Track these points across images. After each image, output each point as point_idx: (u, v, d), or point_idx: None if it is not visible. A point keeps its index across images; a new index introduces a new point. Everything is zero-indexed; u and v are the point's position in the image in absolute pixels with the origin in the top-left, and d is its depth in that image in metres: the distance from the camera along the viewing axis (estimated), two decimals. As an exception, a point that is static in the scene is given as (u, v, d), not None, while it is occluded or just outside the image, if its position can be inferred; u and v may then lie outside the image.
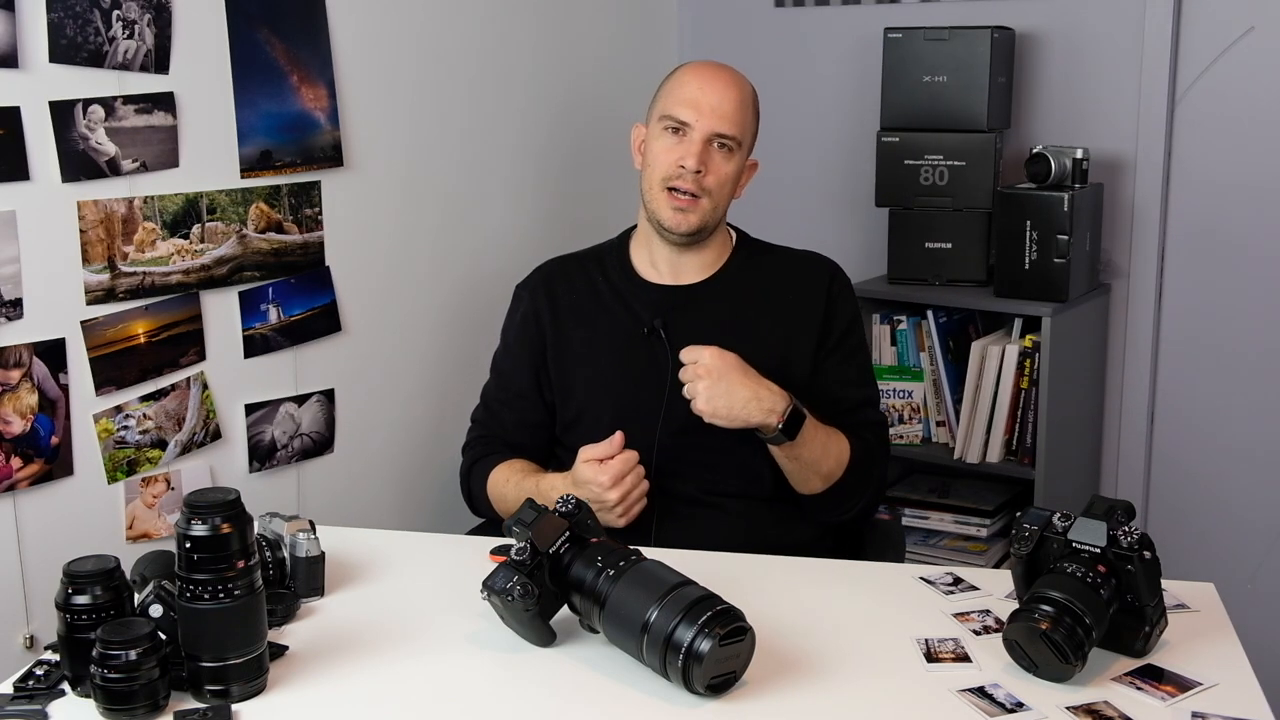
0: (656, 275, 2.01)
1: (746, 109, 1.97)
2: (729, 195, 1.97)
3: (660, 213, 1.94)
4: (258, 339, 2.20)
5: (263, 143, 2.15)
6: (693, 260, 2.00)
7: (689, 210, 1.92)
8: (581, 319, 2.02)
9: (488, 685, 1.39)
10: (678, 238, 1.95)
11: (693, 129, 1.91)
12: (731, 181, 1.96)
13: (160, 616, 1.32)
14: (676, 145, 1.92)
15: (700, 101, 1.92)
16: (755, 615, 1.34)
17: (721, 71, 1.98)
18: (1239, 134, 2.65)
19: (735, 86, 1.96)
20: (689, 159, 1.90)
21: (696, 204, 1.92)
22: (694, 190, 1.91)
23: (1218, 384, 2.75)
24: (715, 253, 2.02)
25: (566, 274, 2.07)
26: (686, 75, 1.97)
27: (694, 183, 1.90)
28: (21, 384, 1.87)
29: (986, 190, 2.69)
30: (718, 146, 1.93)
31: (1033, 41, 2.81)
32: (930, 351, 2.77)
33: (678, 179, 1.91)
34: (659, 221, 1.95)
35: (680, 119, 1.92)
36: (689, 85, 1.94)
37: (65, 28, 1.85)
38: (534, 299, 2.05)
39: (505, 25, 2.65)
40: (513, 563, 1.41)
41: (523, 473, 1.97)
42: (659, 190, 1.93)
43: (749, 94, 1.99)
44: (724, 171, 1.94)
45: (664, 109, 1.95)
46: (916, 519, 2.81)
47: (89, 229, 1.92)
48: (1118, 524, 1.39)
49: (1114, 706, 1.30)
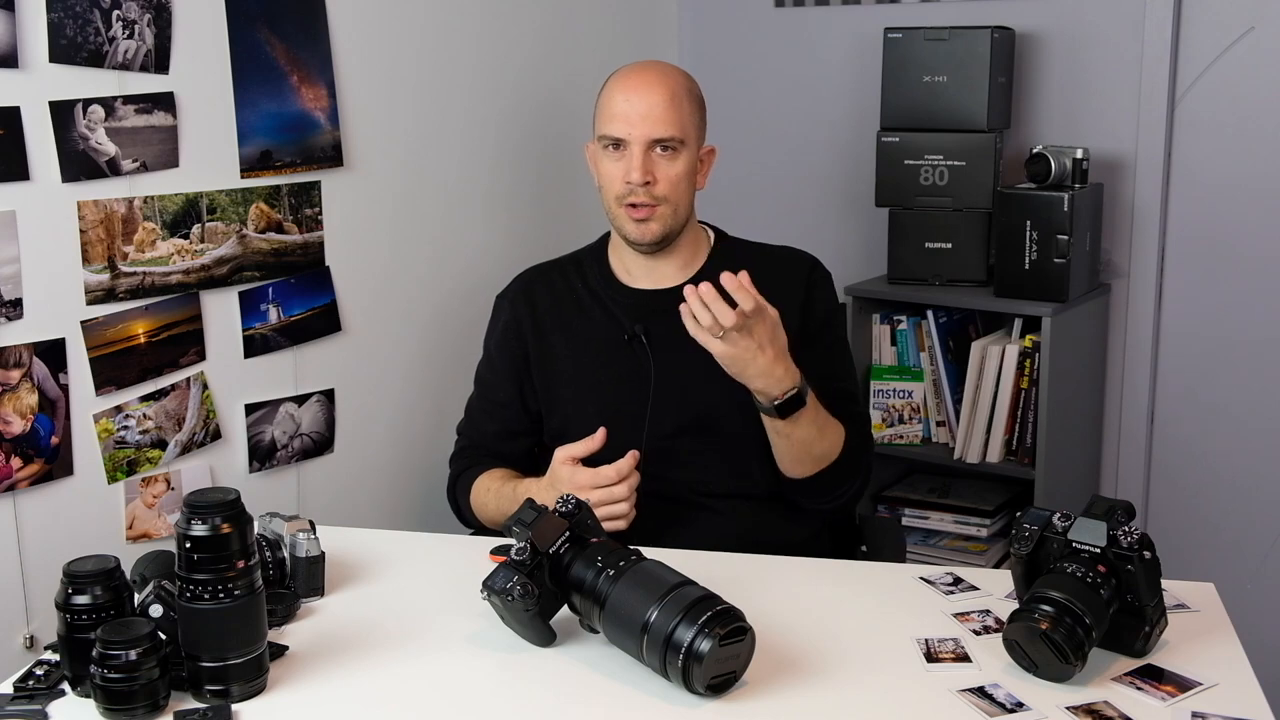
0: (633, 280, 2.01)
1: (680, 103, 1.92)
2: (688, 193, 1.95)
3: (623, 228, 1.94)
4: (258, 339, 2.20)
5: (263, 143, 2.15)
6: (668, 264, 1.99)
7: (649, 219, 1.91)
8: (563, 326, 2.01)
9: (488, 685, 1.40)
10: (646, 247, 1.95)
11: (629, 142, 1.90)
12: (685, 179, 1.93)
13: (160, 616, 1.32)
14: (619, 161, 1.91)
15: (629, 113, 1.90)
16: (755, 615, 1.34)
17: (645, 73, 1.95)
18: (1239, 134, 2.65)
19: (661, 85, 1.92)
20: (633, 173, 1.89)
21: (654, 211, 1.91)
22: (647, 201, 1.90)
23: (1218, 384, 2.75)
24: (691, 252, 2.01)
25: (547, 282, 2.06)
26: (612, 89, 1.95)
27: (645, 194, 1.89)
28: (21, 384, 1.87)
29: (986, 190, 2.69)
30: (660, 151, 1.90)
31: (1033, 41, 2.81)
32: (930, 351, 2.77)
33: (629, 195, 1.90)
34: (624, 236, 1.95)
35: (614, 135, 1.91)
36: (615, 99, 1.92)
37: (65, 28, 1.85)
38: (514, 308, 2.05)
39: (505, 25, 2.65)
40: (513, 563, 1.41)
41: (502, 479, 1.97)
42: (616, 206, 1.93)
43: (680, 86, 1.95)
44: (673, 173, 1.91)
45: (599, 128, 1.95)
46: (916, 519, 2.81)
47: (89, 229, 1.92)
48: (1118, 524, 1.39)
49: (1114, 706, 1.30)
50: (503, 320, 2.07)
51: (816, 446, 1.87)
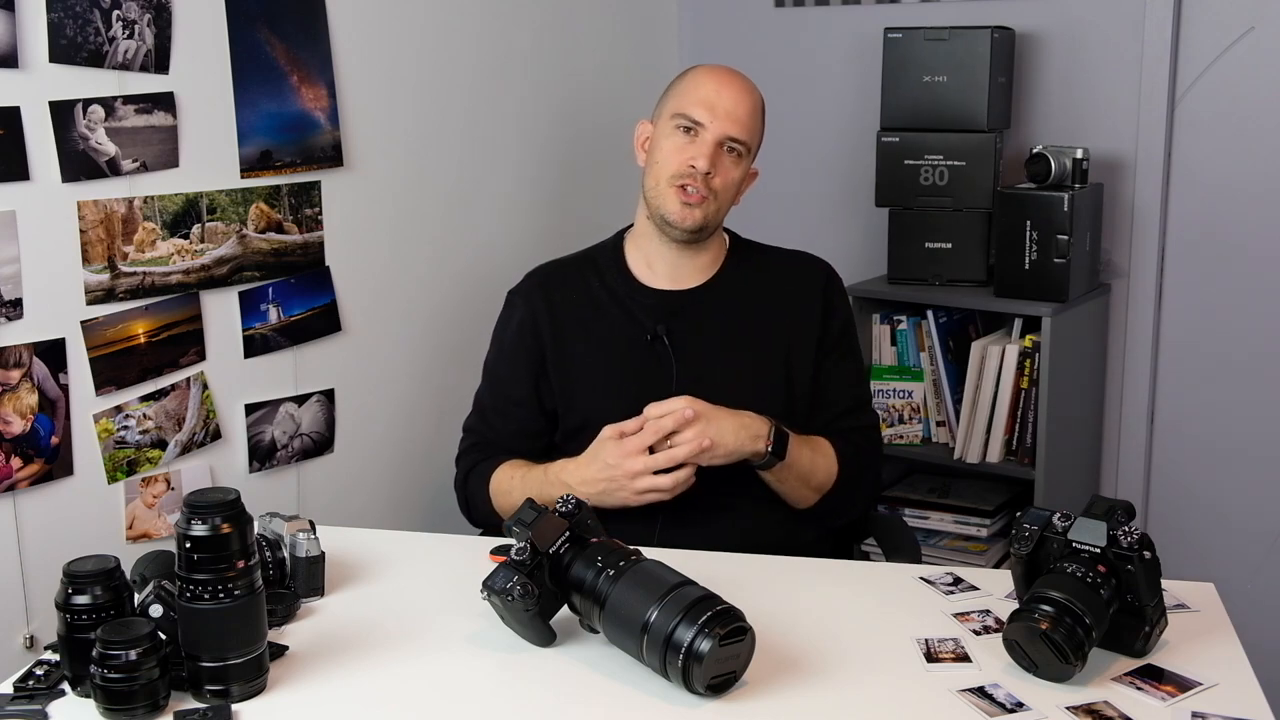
0: (654, 279, 2.00)
1: (757, 116, 1.97)
2: (732, 199, 1.97)
3: (666, 206, 1.92)
4: (258, 339, 2.20)
5: (263, 143, 2.15)
6: (691, 263, 2.00)
7: (696, 206, 1.91)
8: (581, 326, 2.00)
9: (488, 685, 1.39)
10: (681, 234, 1.93)
11: (706, 130, 1.90)
12: (735, 186, 1.96)
13: (160, 616, 1.32)
14: (688, 145, 1.91)
15: (716, 104, 1.91)
16: (755, 615, 1.34)
17: (737, 76, 1.97)
18: (1239, 134, 2.65)
19: (750, 93, 1.96)
20: (700, 159, 1.89)
21: (704, 202, 1.91)
22: (702, 191, 1.90)
23: (1217, 384, 2.75)
24: (711, 256, 2.02)
25: (562, 280, 2.05)
26: (703, 76, 1.96)
27: (703, 183, 1.90)
28: (21, 384, 1.87)
29: (986, 190, 2.69)
30: (728, 150, 1.92)
31: (1033, 41, 2.81)
32: (930, 351, 2.77)
33: (687, 178, 1.90)
34: (663, 216, 1.93)
35: (695, 119, 1.91)
36: (705, 86, 1.93)
37: (65, 28, 1.85)
38: (530, 305, 2.03)
39: (505, 25, 2.65)
40: (513, 563, 1.41)
41: (527, 467, 1.95)
42: (666, 186, 1.92)
43: (760, 102, 1.99)
44: (731, 176, 1.93)
45: (678, 107, 1.94)
46: (916, 519, 2.81)
47: (89, 229, 1.92)
48: (1118, 524, 1.39)
49: (1114, 706, 1.30)
50: (518, 317, 2.04)
51: (813, 478, 1.91)
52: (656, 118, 1.99)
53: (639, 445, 1.78)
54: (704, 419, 1.78)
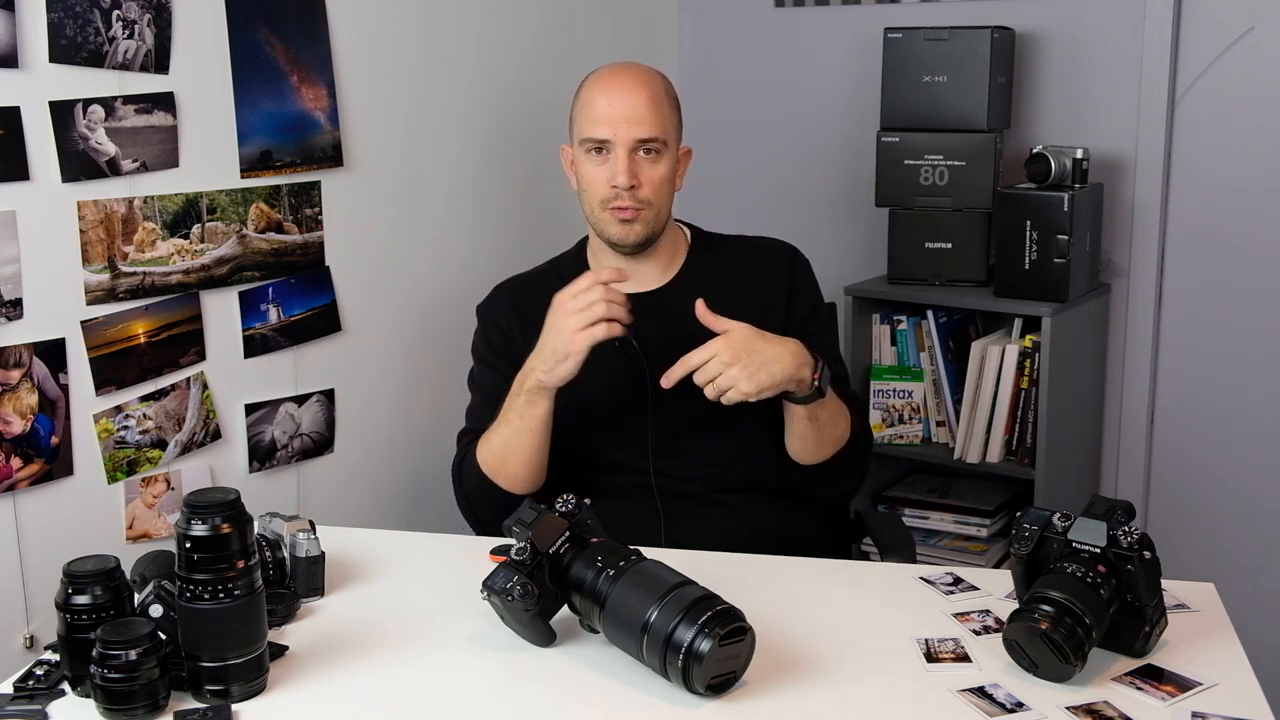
0: (618, 284, 2.00)
1: (661, 104, 1.92)
2: (669, 195, 1.95)
3: (606, 229, 1.92)
4: (258, 339, 2.20)
5: (263, 143, 2.15)
6: (650, 266, 1.99)
7: (634, 220, 1.90)
8: None
9: (488, 685, 1.39)
10: (630, 248, 1.93)
11: (613, 144, 1.88)
12: (668, 182, 1.93)
13: (160, 616, 1.32)
14: (603, 165, 1.89)
15: (612, 115, 1.88)
16: (755, 615, 1.34)
17: (624, 74, 1.93)
18: (1239, 134, 2.65)
19: (642, 86, 1.91)
20: (619, 176, 1.87)
21: (639, 214, 1.90)
22: (634, 204, 1.88)
23: (1218, 384, 2.75)
24: (670, 253, 2.01)
25: (529, 292, 2.02)
26: (593, 91, 1.93)
27: (631, 198, 1.88)
28: (21, 384, 1.87)
29: (986, 190, 2.69)
30: (643, 153, 1.89)
31: (1033, 41, 2.81)
32: (930, 351, 2.77)
33: (615, 199, 1.88)
34: (608, 238, 1.93)
35: (598, 138, 1.89)
36: (598, 101, 1.90)
37: (65, 28, 1.85)
38: (502, 315, 2.02)
39: (505, 25, 2.65)
40: (513, 563, 1.41)
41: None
42: (600, 210, 1.91)
43: (659, 87, 1.94)
44: (657, 176, 1.90)
45: (581, 131, 1.92)
46: (916, 519, 2.81)
47: (89, 229, 1.92)
48: (1118, 524, 1.39)
49: (1114, 706, 1.30)
50: (490, 329, 2.04)
51: (837, 426, 1.89)
52: (572, 142, 1.97)
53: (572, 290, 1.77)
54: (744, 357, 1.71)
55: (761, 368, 1.72)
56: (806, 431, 1.86)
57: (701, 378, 1.73)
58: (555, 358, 1.77)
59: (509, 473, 1.87)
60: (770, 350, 1.74)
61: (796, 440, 1.89)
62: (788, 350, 1.76)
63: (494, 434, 1.89)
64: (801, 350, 1.78)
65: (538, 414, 1.83)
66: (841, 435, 1.90)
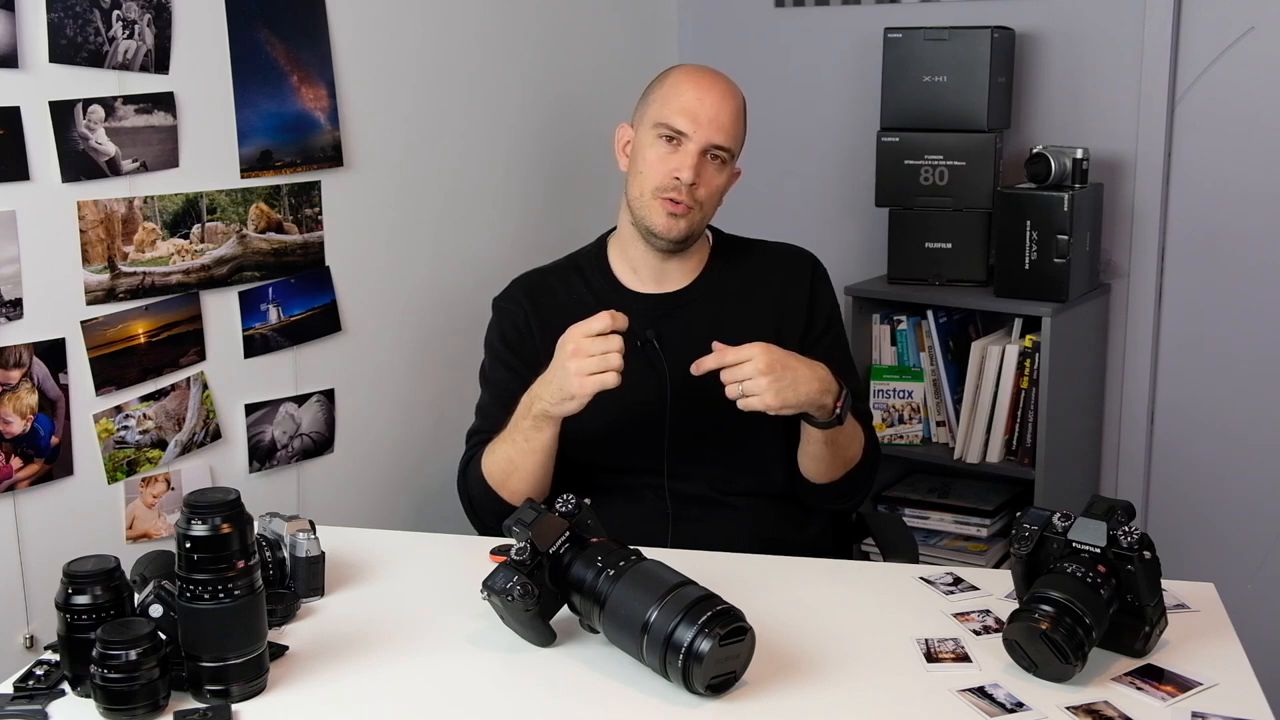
0: (639, 283, 1.99)
1: (740, 120, 1.93)
2: (716, 205, 1.95)
3: (651, 218, 1.90)
4: (258, 339, 2.20)
5: (263, 143, 2.15)
6: (676, 266, 1.98)
7: (681, 217, 1.89)
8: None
9: (488, 685, 1.39)
10: (666, 244, 1.92)
11: (689, 140, 1.87)
12: (721, 192, 1.93)
13: (160, 616, 1.32)
14: (671, 155, 1.88)
15: (698, 112, 1.87)
16: (756, 615, 1.34)
17: (718, 80, 1.93)
18: (1239, 134, 2.65)
19: (731, 96, 1.92)
20: (684, 171, 1.86)
21: (689, 213, 1.89)
22: (688, 202, 1.88)
23: (1218, 384, 2.75)
24: (696, 257, 2.01)
25: (546, 287, 2.02)
26: (683, 82, 1.91)
27: (688, 194, 1.87)
28: (21, 384, 1.87)
29: (986, 190, 2.69)
30: (712, 158, 1.89)
31: (1033, 41, 2.81)
32: (930, 351, 2.77)
33: (672, 190, 1.87)
34: (648, 227, 1.91)
35: (677, 128, 1.87)
36: (686, 93, 1.89)
37: (65, 28, 1.85)
38: (519, 310, 2.01)
39: (505, 25, 2.65)
40: (513, 563, 1.41)
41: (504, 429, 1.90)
42: (651, 197, 1.89)
43: (742, 103, 1.95)
44: (716, 183, 1.91)
45: (659, 115, 1.90)
46: (916, 519, 2.81)
47: (89, 229, 1.92)
48: (1118, 524, 1.39)
49: (1114, 706, 1.30)
50: (507, 323, 2.02)
51: (851, 448, 1.90)
52: (637, 123, 1.95)
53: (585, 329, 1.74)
54: (778, 370, 1.72)
55: (790, 386, 1.72)
56: (821, 454, 1.87)
57: (729, 376, 1.73)
58: (561, 395, 1.76)
59: (512, 489, 1.87)
60: (802, 371, 1.75)
61: (810, 460, 1.90)
62: (817, 375, 1.77)
63: (500, 447, 1.89)
64: (829, 377, 1.78)
65: (543, 439, 1.82)
66: (854, 457, 1.91)
